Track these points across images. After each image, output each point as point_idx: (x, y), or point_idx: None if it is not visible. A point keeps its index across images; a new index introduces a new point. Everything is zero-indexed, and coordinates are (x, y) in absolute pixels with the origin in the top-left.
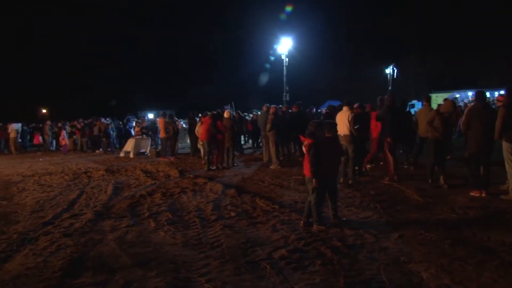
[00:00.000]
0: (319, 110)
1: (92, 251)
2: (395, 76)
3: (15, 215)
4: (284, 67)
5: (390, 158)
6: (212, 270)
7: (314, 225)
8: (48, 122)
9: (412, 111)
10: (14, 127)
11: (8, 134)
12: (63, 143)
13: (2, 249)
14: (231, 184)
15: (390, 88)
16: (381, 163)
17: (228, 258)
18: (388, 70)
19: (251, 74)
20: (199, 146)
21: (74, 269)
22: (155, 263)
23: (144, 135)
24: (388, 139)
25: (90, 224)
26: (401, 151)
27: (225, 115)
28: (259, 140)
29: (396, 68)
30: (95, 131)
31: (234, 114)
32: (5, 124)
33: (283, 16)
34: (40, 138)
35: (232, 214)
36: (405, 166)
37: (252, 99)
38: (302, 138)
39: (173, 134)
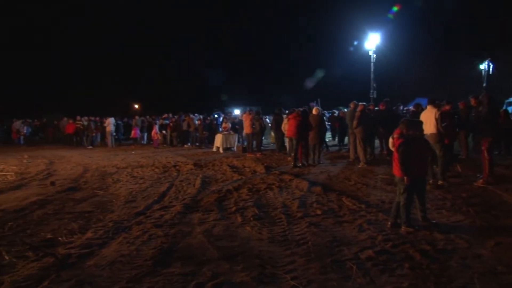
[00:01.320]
0: (406, 108)
1: (181, 242)
2: (490, 72)
3: (110, 204)
4: (372, 64)
5: (487, 159)
6: (297, 268)
7: (402, 227)
8: (136, 117)
9: (510, 109)
10: (111, 121)
11: (105, 128)
12: (155, 137)
13: (99, 235)
14: (317, 182)
15: (484, 85)
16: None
17: (314, 256)
18: (483, 66)
19: (336, 70)
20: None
21: (165, 258)
22: (242, 257)
23: (231, 131)
24: (488, 139)
25: (179, 216)
26: (496, 152)
27: (314, 112)
28: (345, 137)
29: (492, 64)
30: (184, 126)
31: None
32: (102, 119)
33: (390, 16)
34: (138, 131)
35: (318, 212)
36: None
37: (336, 95)
38: (391, 136)
39: (259, 130)
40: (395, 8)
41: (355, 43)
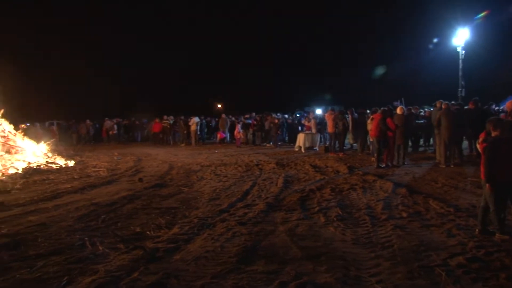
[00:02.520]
0: (497, 108)
1: (264, 240)
2: None
3: (195, 201)
4: (460, 60)
5: None
6: (383, 271)
7: (497, 234)
8: (223, 116)
9: None
10: (195, 120)
11: (189, 127)
12: (238, 136)
13: (185, 231)
14: (402, 183)
15: None
16: None
17: (400, 260)
18: None
19: (420, 68)
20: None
21: (248, 256)
22: (325, 258)
23: (314, 130)
24: None
25: (262, 215)
26: None
27: (398, 111)
28: (431, 137)
29: None
30: (266, 125)
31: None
32: (187, 118)
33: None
34: (222, 134)
35: (404, 214)
36: None
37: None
38: (480, 137)
39: (343, 130)
40: (483, 14)
41: (435, 40)
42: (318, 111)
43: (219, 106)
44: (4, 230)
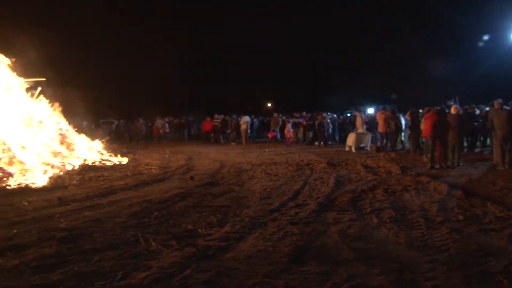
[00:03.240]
0: None
1: (316, 241)
2: None
3: (246, 200)
4: None
5: None
6: (439, 276)
7: None
8: (275, 115)
9: None
10: (246, 119)
11: (240, 125)
12: (288, 135)
13: (236, 230)
14: (457, 185)
15: None
16: None
17: (457, 265)
18: None
19: (474, 65)
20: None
21: (300, 256)
22: (378, 260)
23: (360, 130)
24: None
25: (314, 215)
26: None
27: (452, 111)
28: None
29: None
30: (316, 124)
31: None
32: (238, 117)
33: None
34: (273, 133)
35: (460, 217)
36: None
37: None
38: None
39: (395, 130)
40: None
41: (485, 37)
42: (370, 111)
43: (270, 105)
44: (62, 224)
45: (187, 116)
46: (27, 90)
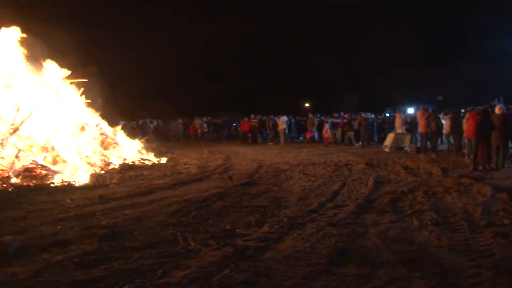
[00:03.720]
0: None
1: (355, 242)
2: None
3: (284, 200)
4: None
5: None
6: (483, 281)
7: None
8: (310, 115)
9: None
10: (284, 119)
11: (278, 125)
12: (326, 135)
13: (275, 230)
14: (502, 187)
15: None
16: None
17: (503, 271)
18: None
19: None
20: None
21: (339, 258)
22: (419, 264)
23: (399, 130)
24: None
25: (353, 216)
26: None
27: (497, 110)
28: None
29: None
30: (356, 125)
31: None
32: (275, 117)
33: None
34: (311, 133)
35: (506, 221)
36: None
37: None
38: None
39: (436, 130)
40: None
41: None
42: (410, 111)
43: (307, 105)
44: (103, 222)
45: (223, 116)
46: (70, 90)
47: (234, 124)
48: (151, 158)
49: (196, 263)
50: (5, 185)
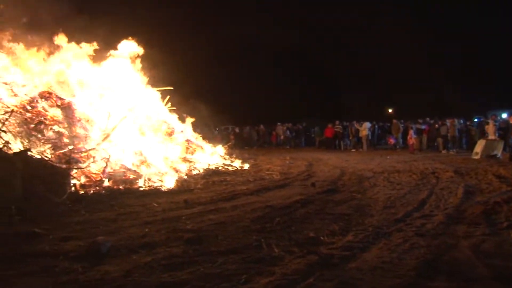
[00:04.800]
0: None
1: (446, 255)
2: None
3: (369, 208)
4: None
5: None
6: None
7: None
8: (395, 121)
9: None
10: (367, 126)
11: (361, 132)
12: (410, 142)
13: (360, 239)
14: None
15: None
16: None
17: None
18: None
19: None
20: None
21: (428, 270)
22: None
23: (492, 136)
24: None
25: (442, 227)
26: None
27: None
28: None
29: None
30: (443, 130)
31: None
32: (358, 122)
33: None
34: (392, 139)
35: None
36: None
37: None
38: None
39: None
40: None
41: None
42: (504, 116)
43: (390, 110)
44: (189, 226)
45: (301, 123)
46: (157, 97)
47: (313, 130)
48: (234, 164)
49: (280, 270)
50: (98, 188)
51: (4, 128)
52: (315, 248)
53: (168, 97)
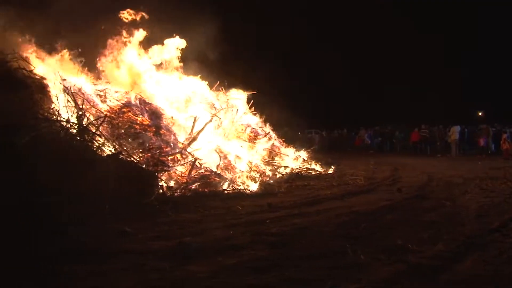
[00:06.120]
0: None
1: None
2: None
3: (459, 217)
4: None
5: None
6: None
7: None
8: (484, 126)
9: None
10: (456, 130)
11: (449, 136)
12: (504, 147)
13: (451, 249)
14: None
15: None
16: None
17: None
18: None
19: None
20: None
21: None
22: None
23: None
24: None
25: None
26: None
27: None
28: None
29: None
30: None
31: None
32: (445, 127)
33: None
34: (483, 141)
35: None
36: None
37: None
38: None
39: None
40: None
41: None
42: None
43: (480, 114)
44: (273, 230)
45: (388, 126)
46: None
47: (398, 134)
48: (318, 168)
49: (367, 278)
50: (184, 191)
51: (98, 132)
52: (403, 256)
53: (252, 101)
